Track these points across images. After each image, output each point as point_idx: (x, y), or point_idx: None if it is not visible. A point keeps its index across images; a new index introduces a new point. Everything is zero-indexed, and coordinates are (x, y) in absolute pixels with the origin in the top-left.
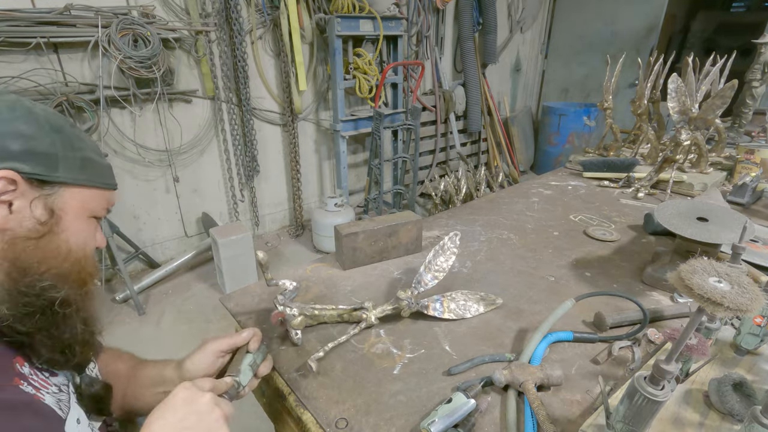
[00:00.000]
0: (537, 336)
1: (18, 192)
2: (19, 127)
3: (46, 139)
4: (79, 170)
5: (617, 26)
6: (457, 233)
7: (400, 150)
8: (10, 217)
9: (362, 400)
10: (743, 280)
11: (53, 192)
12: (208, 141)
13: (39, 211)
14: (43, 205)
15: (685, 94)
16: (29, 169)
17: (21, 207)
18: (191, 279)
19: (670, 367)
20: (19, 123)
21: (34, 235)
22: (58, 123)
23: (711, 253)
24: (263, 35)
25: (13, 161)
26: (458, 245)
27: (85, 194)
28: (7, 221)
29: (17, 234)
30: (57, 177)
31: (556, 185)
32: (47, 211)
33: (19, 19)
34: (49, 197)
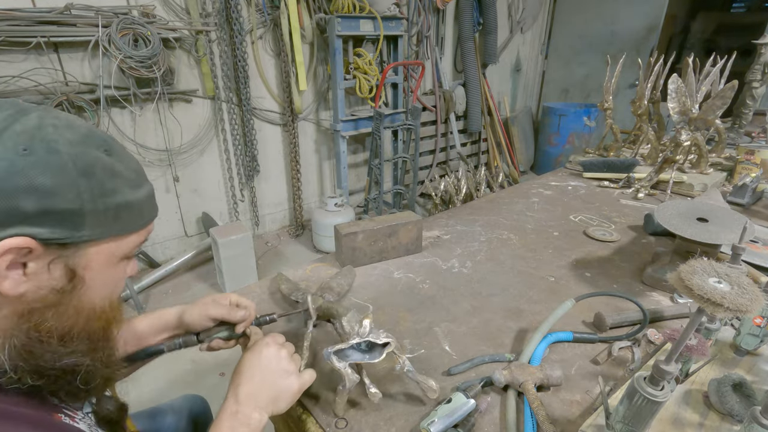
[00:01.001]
0: (537, 336)
1: (33, 255)
2: (36, 178)
3: (70, 192)
4: (112, 222)
5: (617, 26)
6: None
7: (400, 150)
8: (23, 280)
9: (362, 400)
10: (743, 281)
11: (76, 251)
12: (208, 141)
13: (58, 274)
14: (63, 267)
15: (685, 95)
16: (47, 233)
17: (37, 269)
18: (191, 279)
19: (669, 367)
20: (36, 172)
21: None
22: (87, 160)
23: (711, 253)
24: (263, 35)
25: (27, 225)
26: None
27: (115, 244)
28: (19, 286)
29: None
30: (81, 237)
31: (556, 185)
32: (67, 273)
33: (20, 19)
34: (70, 258)
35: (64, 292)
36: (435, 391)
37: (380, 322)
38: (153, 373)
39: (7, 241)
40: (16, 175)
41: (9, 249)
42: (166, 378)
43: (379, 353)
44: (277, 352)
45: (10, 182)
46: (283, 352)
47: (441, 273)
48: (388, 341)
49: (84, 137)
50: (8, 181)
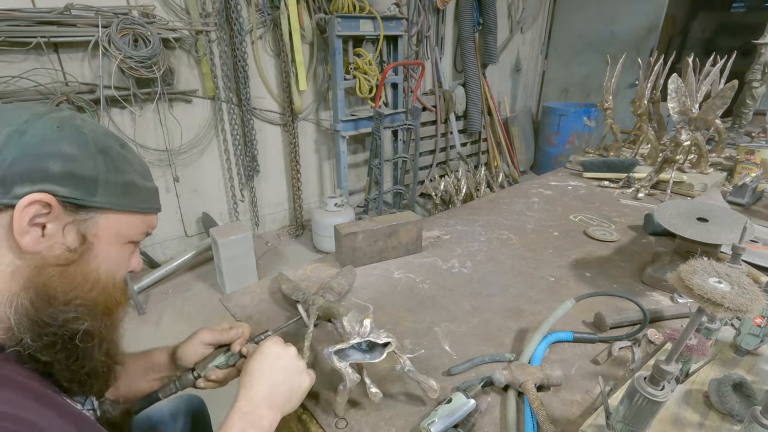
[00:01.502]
0: (537, 336)
1: (52, 215)
2: (63, 147)
3: (89, 162)
4: (120, 195)
5: (617, 26)
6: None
7: (400, 150)
8: (41, 240)
9: (362, 400)
10: (743, 281)
11: (88, 218)
12: (208, 141)
13: (71, 237)
14: (76, 231)
15: (685, 95)
16: (66, 192)
17: (53, 231)
18: (191, 279)
19: (670, 367)
20: (64, 143)
21: (62, 262)
22: (105, 144)
23: (711, 253)
24: (263, 35)
25: (51, 183)
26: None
27: (123, 220)
28: (38, 244)
29: (46, 260)
30: (94, 202)
31: (556, 185)
32: (79, 237)
33: (20, 19)
34: (83, 223)
35: (75, 253)
36: (436, 390)
37: (380, 322)
38: None
39: (33, 195)
40: (49, 143)
41: (34, 201)
42: None
43: (379, 353)
44: (284, 350)
45: (43, 148)
46: (291, 350)
47: (441, 273)
48: (388, 341)
49: (104, 131)
50: (42, 147)
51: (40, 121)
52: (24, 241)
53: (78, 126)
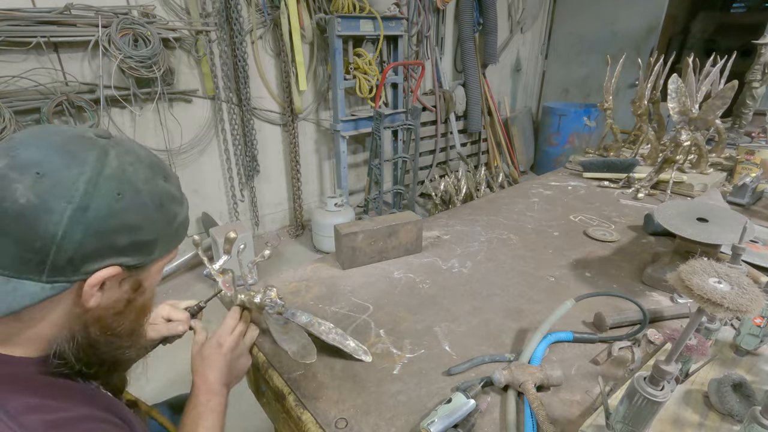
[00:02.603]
0: (537, 336)
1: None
2: (128, 218)
3: (151, 226)
4: (173, 239)
5: (617, 27)
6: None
7: (400, 150)
8: (99, 296)
9: (362, 400)
10: (743, 281)
11: (144, 269)
12: (208, 141)
13: (127, 288)
14: (132, 283)
15: (685, 95)
16: (131, 261)
17: (111, 286)
18: (191, 279)
19: (669, 367)
20: (129, 213)
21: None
22: (159, 194)
23: (711, 253)
24: (263, 35)
25: (119, 256)
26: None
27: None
28: (97, 300)
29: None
30: (152, 259)
31: (556, 185)
32: (135, 286)
33: (20, 19)
34: (139, 275)
35: (130, 301)
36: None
37: (380, 322)
38: (152, 374)
39: (104, 271)
40: (114, 217)
41: (105, 277)
42: (166, 378)
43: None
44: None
45: (111, 223)
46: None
47: (441, 273)
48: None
49: (150, 170)
50: (108, 222)
51: (98, 190)
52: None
53: (133, 183)
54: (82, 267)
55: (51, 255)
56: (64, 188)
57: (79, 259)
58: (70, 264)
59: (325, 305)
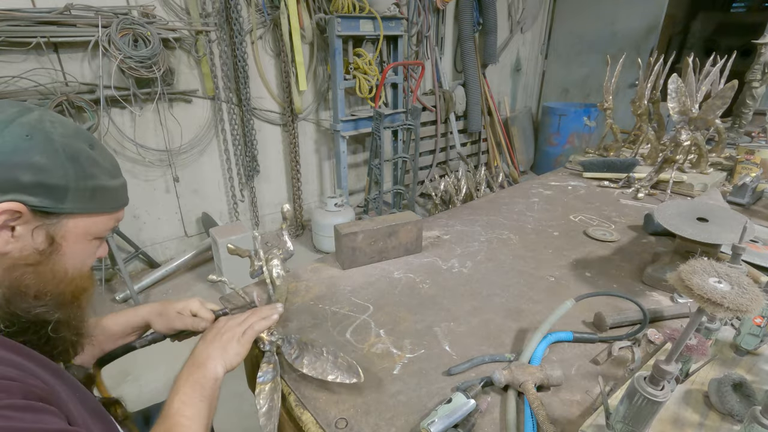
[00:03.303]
0: (537, 336)
1: (21, 220)
2: (34, 157)
3: (59, 171)
4: (89, 200)
5: (617, 27)
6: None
7: (400, 150)
8: (10, 241)
9: (362, 400)
10: (743, 281)
11: (57, 221)
12: (208, 141)
13: (40, 239)
14: (45, 234)
15: (685, 95)
16: (37, 202)
17: (23, 233)
18: (191, 279)
19: (670, 367)
20: (35, 153)
21: (32, 262)
22: (75, 150)
23: (711, 253)
24: (263, 35)
25: (22, 193)
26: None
27: (90, 220)
28: (7, 245)
29: (16, 259)
30: (63, 209)
31: (556, 185)
32: (48, 239)
33: (20, 19)
34: (51, 226)
35: (43, 254)
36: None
37: (380, 322)
38: (153, 373)
39: (4, 204)
40: (19, 153)
41: (5, 210)
42: (166, 377)
43: None
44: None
45: (14, 159)
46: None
47: (441, 273)
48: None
49: (74, 132)
50: (13, 158)
51: (9, 129)
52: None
53: (48, 132)
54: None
55: None
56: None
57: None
58: None
59: (325, 305)
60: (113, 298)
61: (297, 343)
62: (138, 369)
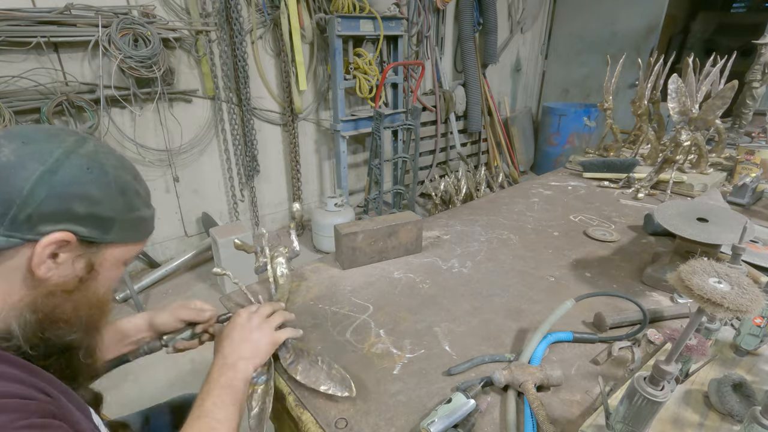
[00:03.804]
0: (537, 336)
1: (67, 248)
2: (91, 190)
3: (110, 204)
4: (130, 230)
5: (617, 27)
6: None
7: (400, 150)
8: (52, 267)
9: (362, 400)
10: (743, 281)
11: (97, 251)
12: (208, 141)
13: (80, 266)
14: (85, 262)
15: (685, 95)
16: (86, 232)
17: (65, 260)
18: (191, 279)
19: (669, 367)
20: (92, 186)
21: (70, 288)
22: (124, 182)
23: (711, 253)
24: (263, 35)
25: (74, 223)
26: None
27: (126, 249)
28: (49, 271)
29: (55, 285)
30: (106, 239)
31: (556, 185)
32: (87, 267)
33: (20, 19)
34: (92, 255)
35: (82, 281)
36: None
37: (380, 322)
38: (153, 374)
39: (57, 234)
40: (78, 185)
41: (57, 240)
42: (165, 378)
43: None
44: (248, 316)
45: (73, 190)
46: (254, 315)
47: (441, 273)
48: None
49: (121, 164)
50: (71, 189)
51: (70, 161)
52: (40, 270)
53: (103, 165)
54: (39, 226)
55: (14, 208)
56: (41, 154)
57: (38, 217)
58: (28, 221)
59: (325, 305)
60: (113, 298)
61: (293, 348)
62: (138, 369)
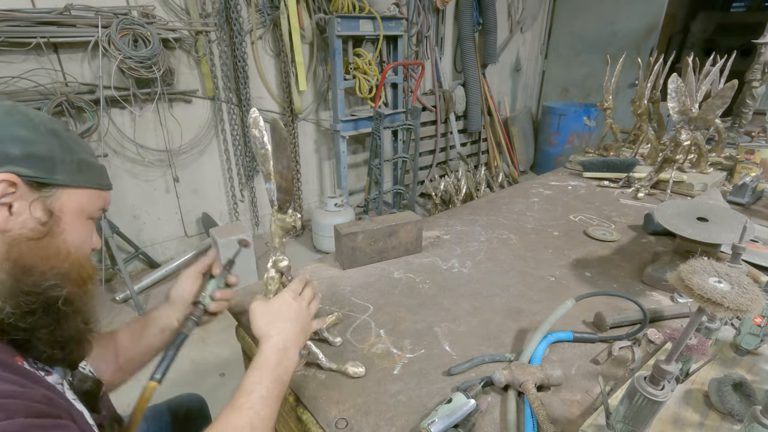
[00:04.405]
0: (537, 336)
1: (17, 194)
2: (18, 131)
3: (44, 143)
4: (76, 172)
5: (617, 26)
6: None
7: (400, 150)
8: (10, 218)
9: (362, 400)
10: (743, 281)
11: (51, 194)
12: (208, 141)
13: (38, 212)
14: (42, 207)
15: (685, 94)
16: (29, 172)
17: (21, 209)
18: None
19: (670, 367)
20: (18, 128)
21: (34, 236)
22: (54, 127)
23: (711, 253)
24: (263, 35)
25: (13, 165)
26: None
27: (82, 195)
28: (8, 222)
29: (18, 235)
30: (55, 179)
31: (556, 185)
32: (46, 212)
33: (19, 19)
34: (47, 199)
35: (44, 227)
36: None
37: (380, 322)
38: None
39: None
40: (3, 127)
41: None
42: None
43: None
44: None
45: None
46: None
47: (441, 273)
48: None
49: (49, 117)
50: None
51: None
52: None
53: (25, 112)
54: None
55: None
56: None
57: None
58: None
59: (325, 305)
60: (113, 298)
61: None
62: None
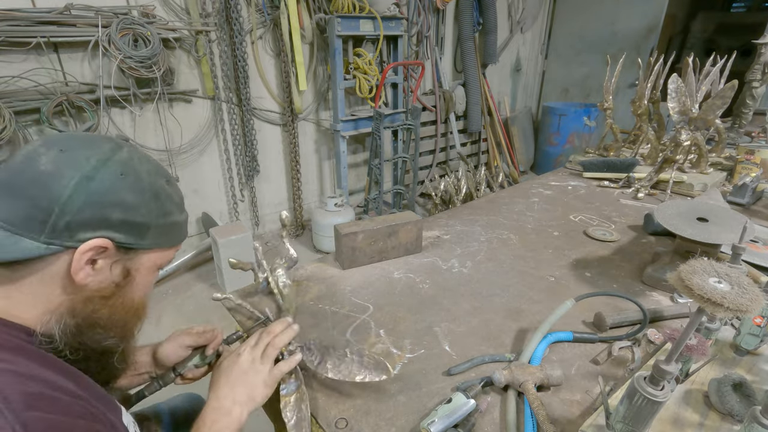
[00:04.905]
0: (537, 336)
1: (104, 255)
2: (125, 196)
3: (144, 209)
4: (164, 235)
5: (617, 26)
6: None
7: (400, 150)
8: (91, 274)
9: (362, 400)
10: (743, 281)
11: (134, 256)
12: (208, 141)
13: (117, 272)
14: (122, 268)
15: (685, 95)
16: (121, 238)
17: (102, 266)
18: (191, 279)
19: (670, 367)
20: (126, 192)
21: (107, 294)
22: (157, 187)
23: (711, 253)
24: (263, 35)
25: (110, 230)
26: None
27: (161, 254)
28: (87, 278)
29: (93, 291)
30: (142, 245)
31: (556, 185)
32: (124, 273)
33: (19, 19)
34: (128, 261)
35: (118, 287)
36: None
37: (380, 322)
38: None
39: (94, 241)
40: (114, 192)
41: (94, 247)
42: None
43: None
44: (247, 354)
45: (109, 197)
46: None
47: (441, 273)
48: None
49: (155, 169)
50: (108, 197)
51: (106, 168)
52: (79, 276)
53: (137, 170)
54: (77, 234)
55: (53, 216)
56: (78, 162)
57: (76, 225)
58: (67, 229)
59: (325, 305)
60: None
61: (317, 348)
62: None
